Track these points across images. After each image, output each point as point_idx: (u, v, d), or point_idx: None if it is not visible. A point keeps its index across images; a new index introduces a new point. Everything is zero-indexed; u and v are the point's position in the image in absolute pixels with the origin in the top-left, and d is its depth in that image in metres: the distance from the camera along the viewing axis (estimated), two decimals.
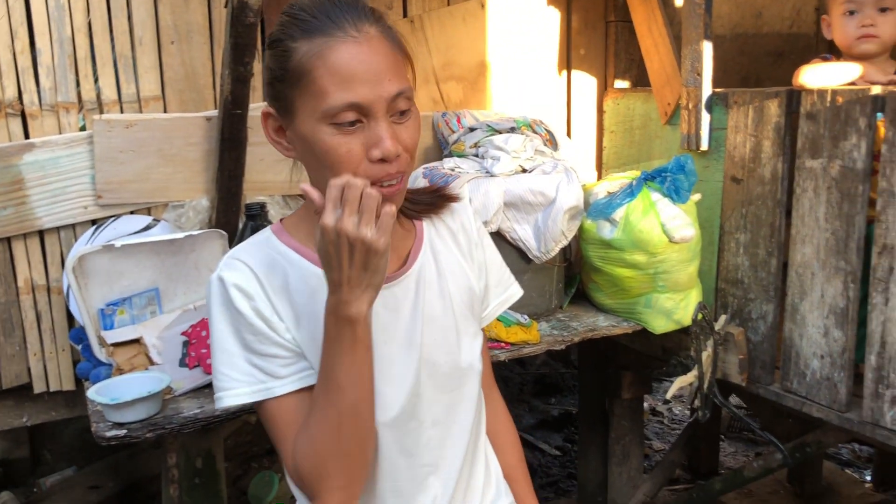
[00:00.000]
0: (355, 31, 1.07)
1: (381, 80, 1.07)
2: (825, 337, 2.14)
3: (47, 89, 2.23)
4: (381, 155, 1.07)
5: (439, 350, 1.24)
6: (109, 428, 1.85)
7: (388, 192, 1.10)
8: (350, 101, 1.05)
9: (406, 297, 1.23)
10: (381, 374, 1.17)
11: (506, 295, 1.42)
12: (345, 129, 1.07)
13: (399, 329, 1.21)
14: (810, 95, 2.11)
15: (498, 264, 1.41)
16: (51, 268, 2.33)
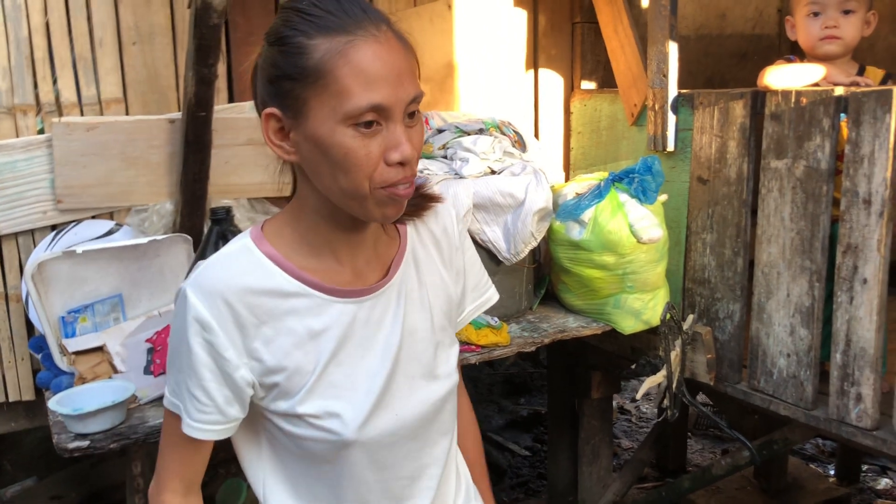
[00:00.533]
0: (375, 31, 1.03)
1: (402, 82, 1.04)
2: (791, 336, 2.16)
3: (3, 91, 2.17)
4: (401, 158, 1.04)
5: (417, 363, 1.21)
6: (72, 439, 1.81)
7: (405, 193, 1.08)
8: (374, 102, 1.01)
9: (387, 309, 1.19)
10: (357, 391, 1.15)
11: (482, 299, 1.40)
12: (363, 131, 1.03)
13: (377, 343, 1.18)
14: (775, 96, 2.14)
15: (477, 268, 1.38)
16: (9, 275, 2.27)
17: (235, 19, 2.42)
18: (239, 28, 2.44)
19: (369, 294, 1.17)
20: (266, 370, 1.12)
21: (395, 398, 1.18)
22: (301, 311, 1.12)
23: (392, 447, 1.19)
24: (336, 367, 1.14)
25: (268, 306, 1.11)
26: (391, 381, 1.17)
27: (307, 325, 1.13)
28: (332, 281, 1.14)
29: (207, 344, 1.08)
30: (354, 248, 1.17)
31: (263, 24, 2.41)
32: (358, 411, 1.14)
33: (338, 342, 1.14)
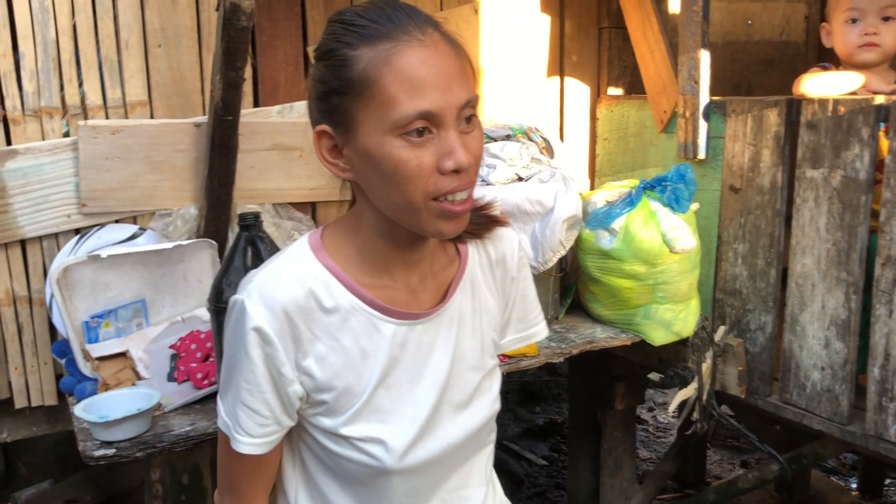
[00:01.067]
0: (420, 35, 0.99)
1: (451, 86, 0.99)
2: (826, 348, 2.12)
3: (30, 94, 2.15)
4: (455, 165, 0.99)
5: (462, 391, 1.18)
6: (98, 447, 1.78)
7: (461, 208, 1.02)
8: (422, 109, 0.97)
9: (438, 334, 1.15)
10: (403, 418, 1.12)
11: (526, 333, 1.34)
12: (414, 140, 0.98)
13: (427, 369, 1.14)
14: (811, 105, 2.10)
15: (529, 300, 1.32)
16: (33, 278, 2.25)
17: (261, 22, 2.39)
18: (265, 31, 2.41)
19: (423, 318, 1.13)
20: (315, 388, 1.09)
21: (438, 427, 1.15)
22: (356, 330, 1.09)
23: (428, 474, 1.17)
24: (384, 390, 1.11)
25: (324, 322, 1.08)
26: (436, 410, 1.14)
27: (360, 345, 1.10)
28: (387, 300, 1.11)
29: (267, 357, 1.05)
30: (410, 266, 1.13)
31: (289, 28, 2.44)
32: (401, 439, 1.11)
33: (387, 365, 1.11)
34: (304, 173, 2.45)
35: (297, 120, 2.43)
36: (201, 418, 1.92)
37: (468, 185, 1.02)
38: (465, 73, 1.02)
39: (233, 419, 1.10)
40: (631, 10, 2.71)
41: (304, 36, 2.47)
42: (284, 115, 2.43)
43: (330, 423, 1.11)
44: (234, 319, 1.07)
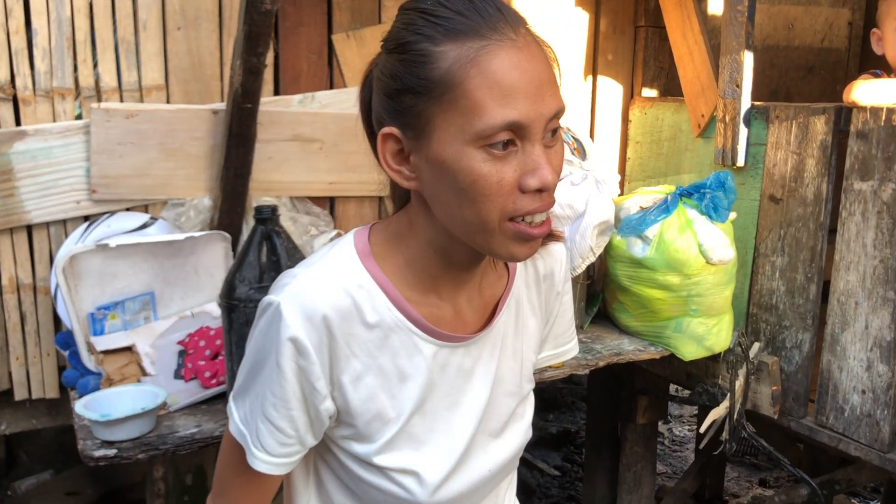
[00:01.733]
0: (513, 34, 0.87)
1: (543, 95, 0.87)
2: (868, 371, 2.01)
3: (42, 73, 2.06)
4: (540, 184, 0.88)
5: (500, 419, 1.10)
6: (98, 447, 1.69)
7: (539, 231, 0.92)
8: (510, 119, 0.85)
9: (479, 358, 1.06)
10: (439, 447, 1.03)
11: (561, 349, 1.27)
12: (497, 153, 0.87)
13: (465, 395, 1.05)
14: (862, 113, 1.98)
15: (568, 316, 1.25)
16: (38, 266, 2.16)
17: (285, 7, 2.30)
18: (288, 17, 2.32)
19: (466, 340, 1.04)
20: (347, 408, 0.99)
21: (471, 458, 1.07)
22: (396, 349, 0.99)
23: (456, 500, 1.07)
24: (420, 417, 1.02)
25: (364, 338, 0.98)
26: (472, 440, 1.06)
27: (399, 366, 1.00)
28: (432, 319, 1.01)
29: (300, 370, 0.95)
30: (460, 285, 1.03)
31: (314, 14, 2.34)
32: (437, 472, 1.02)
33: (425, 389, 1.01)
34: (323, 167, 2.35)
35: (318, 111, 2.33)
36: (208, 420, 1.83)
37: (549, 205, 0.92)
38: (555, 80, 0.91)
39: (251, 431, 0.99)
40: (670, 8, 2.60)
41: (329, 23, 2.38)
42: (306, 104, 2.33)
43: (362, 450, 1.01)
44: (268, 324, 0.96)
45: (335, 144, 2.35)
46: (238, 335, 1.75)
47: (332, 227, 2.41)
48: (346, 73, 2.40)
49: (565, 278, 1.19)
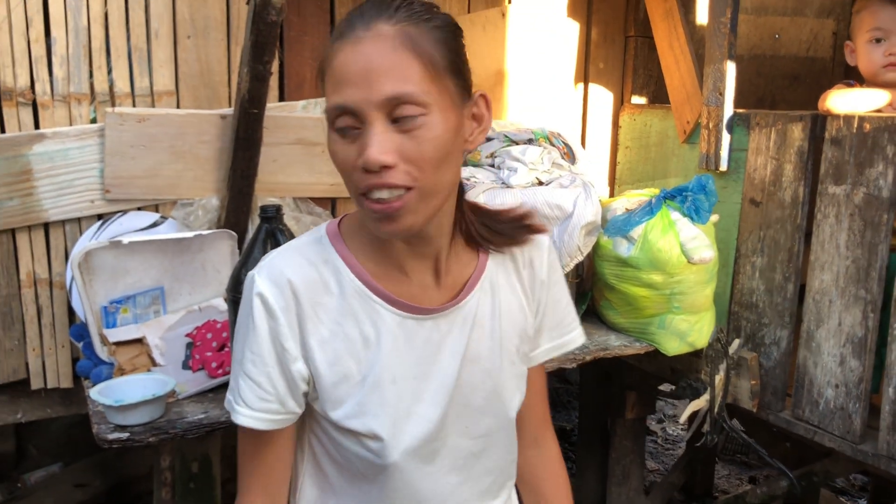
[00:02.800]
0: (363, 31, 0.97)
1: (371, 81, 0.95)
2: (841, 366, 2.11)
3: (60, 79, 2.18)
4: (363, 163, 0.96)
5: (477, 393, 1.16)
6: (112, 430, 1.79)
7: (379, 207, 0.98)
8: (338, 104, 0.97)
9: (449, 333, 1.13)
10: (410, 416, 1.11)
11: (562, 340, 1.29)
12: (345, 133, 0.98)
13: (436, 366, 1.12)
14: (836, 121, 2.09)
15: (562, 306, 1.28)
16: (54, 261, 2.27)
17: (290, 18, 2.41)
18: (293, 27, 2.43)
19: (432, 314, 1.12)
20: (317, 371, 1.09)
21: (446, 429, 1.14)
22: (359, 317, 1.09)
23: (433, 477, 1.15)
24: (391, 384, 1.10)
25: (330, 306, 1.08)
26: (446, 412, 1.13)
27: (363, 333, 1.09)
28: (396, 291, 1.10)
29: (271, 330, 1.06)
30: (423, 260, 1.11)
31: (317, 24, 2.45)
32: (402, 436, 1.10)
33: (391, 358, 1.10)
34: (325, 169, 2.46)
35: (321, 116, 2.44)
36: (214, 407, 1.93)
37: (384, 185, 0.97)
38: (401, 67, 0.96)
39: (234, 390, 1.10)
40: (658, 19, 2.71)
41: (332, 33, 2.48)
42: (309, 110, 2.44)
43: (335, 415, 1.09)
44: (245, 292, 1.08)
45: None
46: None
47: None
48: None
49: (550, 268, 1.23)
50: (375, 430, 1.08)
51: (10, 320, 2.26)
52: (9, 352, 2.28)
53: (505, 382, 1.18)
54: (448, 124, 1.00)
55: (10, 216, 2.17)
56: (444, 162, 1.00)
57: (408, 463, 1.11)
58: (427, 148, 0.97)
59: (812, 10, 3.18)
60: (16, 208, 2.16)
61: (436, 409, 1.12)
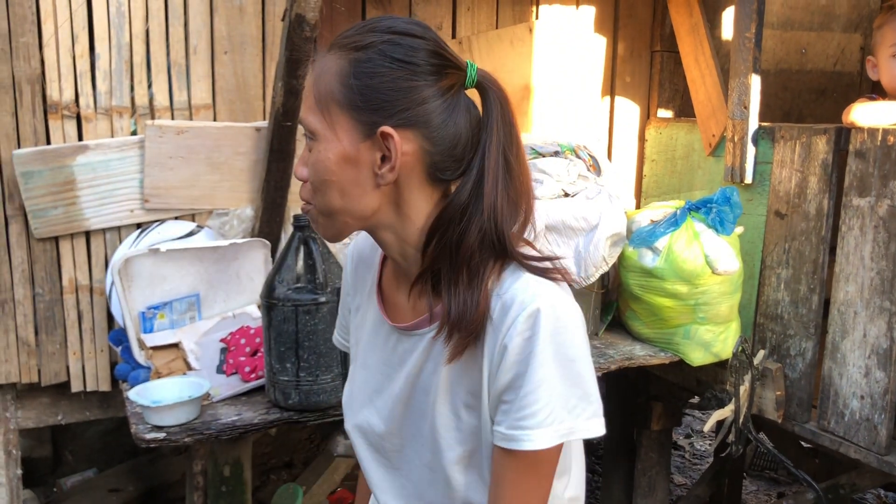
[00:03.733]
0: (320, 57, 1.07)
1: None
2: (866, 377, 2.12)
3: (103, 93, 2.27)
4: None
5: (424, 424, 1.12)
6: (149, 430, 1.86)
7: (304, 209, 1.12)
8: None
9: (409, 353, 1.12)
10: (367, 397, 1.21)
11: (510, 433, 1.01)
12: None
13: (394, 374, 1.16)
14: (860, 133, 2.11)
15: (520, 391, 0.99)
16: (94, 269, 2.35)
17: (323, 33, 2.48)
18: (326, 42, 2.49)
19: (395, 331, 1.15)
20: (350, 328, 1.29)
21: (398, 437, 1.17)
22: (369, 305, 1.22)
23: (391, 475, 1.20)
24: (362, 368, 1.23)
25: (367, 283, 1.23)
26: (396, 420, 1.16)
27: (366, 317, 1.23)
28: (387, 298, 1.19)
29: (345, 280, 1.30)
30: (401, 280, 1.15)
31: None
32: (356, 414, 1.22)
33: (367, 346, 1.21)
34: None
35: None
36: (247, 409, 1.99)
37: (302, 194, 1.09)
38: (308, 95, 1.05)
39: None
40: (684, 34, 2.75)
41: None
42: None
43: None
44: None
45: None
46: (277, 331, 1.91)
47: None
48: None
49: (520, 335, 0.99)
50: (346, 396, 1.26)
51: (53, 325, 2.34)
52: (51, 355, 2.36)
53: (439, 428, 1.09)
54: (332, 154, 1.02)
55: (53, 224, 2.25)
56: (327, 186, 1.03)
57: (361, 442, 1.22)
58: (313, 170, 1.05)
59: (839, 24, 3.19)
60: (59, 217, 2.25)
61: (387, 409, 1.17)
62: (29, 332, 2.33)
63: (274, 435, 3.20)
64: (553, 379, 0.98)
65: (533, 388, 0.98)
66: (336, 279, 1.94)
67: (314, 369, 1.92)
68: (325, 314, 1.90)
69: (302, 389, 1.93)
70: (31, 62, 2.19)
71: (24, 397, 2.44)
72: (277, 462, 3.37)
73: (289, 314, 1.89)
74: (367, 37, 1.01)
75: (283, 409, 1.98)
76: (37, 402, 2.45)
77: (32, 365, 2.35)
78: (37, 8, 2.18)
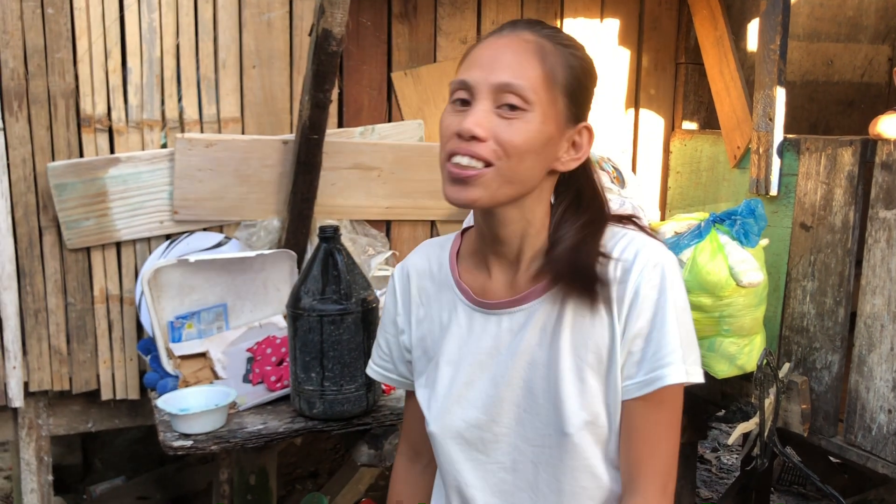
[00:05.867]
0: (509, 32, 1.11)
1: (494, 67, 1.08)
2: (894, 391, 2.09)
3: (134, 107, 2.31)
4: (457, 128, 1.08)
5: (538, 400, 1.16)
6: (177, 438, 1.89)
7: (456, 171, 1.08)
8: (461, 78, 1.10)
9: (514, 332, 1.17)
10: (456, 394, 1.22)
11: (651, 376, 1.11)
12: (456, 107, 1.11)
13: (493, 358, 1.19)
14: (886, 145, 2.10)
15: (658, 336, 1.10)
16: (125, 279, 2.40)
17: (350, 48, 2.52)
18: (352, 56, 2.54)
19: (496, 309, 1.19)
20: (411, 343, 1.30)
21: (499, 422, 1.20)
22: (443, 304, 1.25)
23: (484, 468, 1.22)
24: (446, 364, 1.23)
25: (429, 290, 1.27)
26: (496, 404, 1.19)
27: (441, 318, 1.25)
28: (474, 287, 1.22)
29: (392, 306, 1.32)
30: (500, 259, 1.20)
31: (375, 54, 2.56)
32: (446, 414, 1.22)
33: (457, 345, 1.22)
34: (381, 192, 2.55)
35: (377, 141, 2.54)
36: (273, 418, 2.01)
37: (469, 152, 1.07)
38: (522, 64, 1.07)
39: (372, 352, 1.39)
40: (709, 46, 2.75)
41: (389, 62, 2.59)
42: (366, 136, 2.54)
43: (416, 384, 1.30)
44: None
45: (392, 172, 2.55)
46: (302, 341, 1.94)
47: (388, 247, 2.60)
48: (404, 108, 2.61)
49: (648, 284, 1.10)
50: (425, 402, 1.26)
51: (84, 334, 2.39)
52: (82, 364, 2.40)
53: (563, 396, 1.14)
54: (543, 129, 1.09)
55: (86, 235, 2.30)
56: (527, 156, 1.09)
57: (452, 442, 1.22)
58: (517, 137, 1.07)
59: (866, 36, 3.18)
60: (91, 228, 2.30)
61: (484, 398, 1.20)
62: (61, 341, 2.38)
63: (299, 444, 3.23)
64: (676, 324, 1.10)
65: (666, 330, 1.10)
66: (360, 289, 1.96)
67: (338, 379, 1.94)
68: (349, 324, 1.93)
69: (326, 399, 1.95)
70: (65, 77, 2.25)
71: (56, 405, 2.49)
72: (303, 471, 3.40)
73: (314, 324, 1.91)
74: (568, 38, 1.14)
75: (307, 419, 2.00)
76: (68, 410, 2.50)
77: (64, 373, 2.40)
78: (72, 24, 2.23)
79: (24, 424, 2.46)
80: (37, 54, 2.22)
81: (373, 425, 2.05)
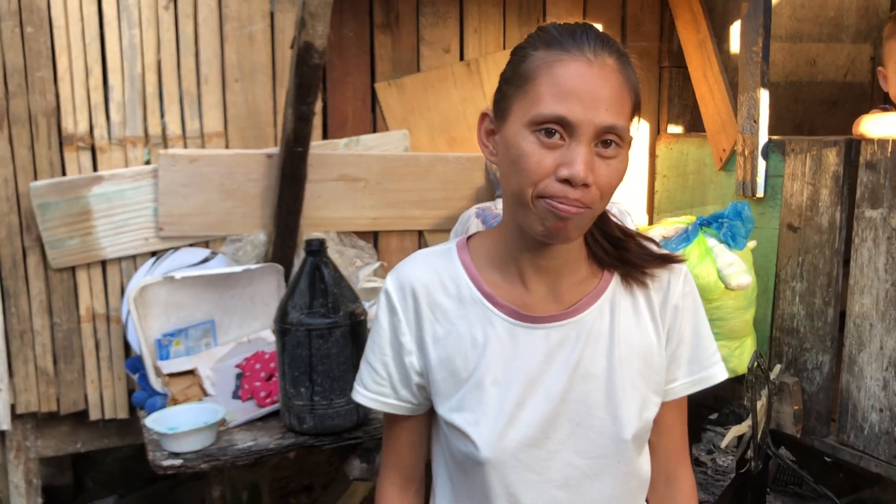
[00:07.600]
0: (591, 55, 1.04)
1: (598, 106, 1.02)
2: (884, 390, 2.10)
3: (116, 124, 2.30)
4: (568, 175, 1.02)
5: (592, 412, 1.16)
6: (166, 457, 1.87)
7: (564, 207, 1.03)
8: (559, 113, 1.02)
9: (561, 345, 1.16)
10: (507, 415, 1.14)
11: (701, 375, 1.24)
12: (545, 140, 1.04)
13: (543, 374, 1.15)
14: (870, 145, 2.10)
15: (701, 338, 1.23)
16: (111, 297, 2.38)
17: (332, 60, 2.51)
18: (335, 68, 2.53)
19: (542, 323, 1.16)
20: (429, 365, 1.19)
21: (552, 439, 1.16)
22: (471, 320, 1.17)
23: (539, 487, 1.17)
24: (493, 386, 1.15)
25: (447, 307, 1.18)
26: (550, 421, 1.15)
27: (473, 335, 1.16)
28: (511, 300, 1.16)
29: (391, 324, 1.20)
30: (542, 273, 1.16)
31: (358, 65, 2.55)
32: (500, 437, 1.14)
33: (497, 361, 1.15)
34: (367, 203, 2.54)
35: (363, 152, 2.53)
36: (263, 434, 2.00)
37: (576, 202, 1.03)
38: (621, 101, 1.05)
39: (358, 376, 1.25)
40: (692, 50, 2.76)
41: (373, 73, 2.58)
42: (351, 147, 2.53)
43: (443, 409, 1.18)
44: (382, 290, 1.22)
45: (378, 183, 2.54)
46: (291, 356, 1.92)
47: (376, 258, 2.59)
48: (388, 118, 2.60)
49: (685, 295, 1.21)
50: (470, 426, 1.15)
51: (71, 354, 2.37)
52: (69, 384, 2.38)
53: (621, 404, 1.16)
54: (629, 159, 1.10)
55: (71, 255, 2.29)
56: (614, 190, 1.09)
57: (506, 464, 1.15)
58: (615, 177, 1.07)
59: (848, 35, 3.19)
60: (76, 247, 2.28)
61: (538, 416, 1.15)
62: (48, 362, 2.36)
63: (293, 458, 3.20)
64: (708, 328, 1.25)
65: (705, 334, 1.24)
66: (348, 302, 1.95)
67: (328, 393, 1.93)
68: (338, 338, 1.91)
69: (317, 413, 1.94)
70: (46, 96, 2.23)
71: (44, 426, 2.46)
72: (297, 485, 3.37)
73: (302, 339, 1.90)
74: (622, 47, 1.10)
75: (298, 434, 1.98)
76: (56, 431, 2.48)
77: (51, 394, 2.37)
78: (51, 43, 2.22)
79: (12, 447, 2.43)
80: (17, 73, 2.20)
81: (364, 439, 2.03)
